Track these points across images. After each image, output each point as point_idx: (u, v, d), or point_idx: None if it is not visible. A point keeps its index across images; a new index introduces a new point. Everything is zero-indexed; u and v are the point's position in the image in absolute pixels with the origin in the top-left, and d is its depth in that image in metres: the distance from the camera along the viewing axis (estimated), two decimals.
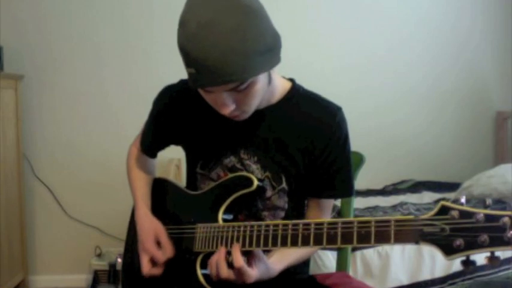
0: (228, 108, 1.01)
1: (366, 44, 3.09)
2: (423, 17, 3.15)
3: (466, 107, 3.24)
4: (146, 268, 1.16)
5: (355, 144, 1.33)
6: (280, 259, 1.11)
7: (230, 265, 1.01)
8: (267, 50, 0.98)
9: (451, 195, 2.64)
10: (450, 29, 3.18)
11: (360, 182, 1.54)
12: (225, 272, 1.00)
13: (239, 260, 0.98)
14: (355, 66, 3.08)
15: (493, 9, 3.22)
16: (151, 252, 1.16)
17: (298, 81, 1.24)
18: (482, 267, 2.04)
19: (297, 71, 1.48)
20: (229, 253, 1.02)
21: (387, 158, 3.12)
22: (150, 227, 1.20)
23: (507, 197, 2.41)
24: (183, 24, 0.96)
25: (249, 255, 1.02)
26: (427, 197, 2.73)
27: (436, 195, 2.74)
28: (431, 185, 2.96)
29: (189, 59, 0.96)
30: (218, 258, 1.01)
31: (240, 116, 1.07)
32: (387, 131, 3.14)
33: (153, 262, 1.17)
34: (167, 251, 1.16)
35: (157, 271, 1.17)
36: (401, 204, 2.51)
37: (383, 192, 2.90)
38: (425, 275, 1.99)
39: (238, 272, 0.99)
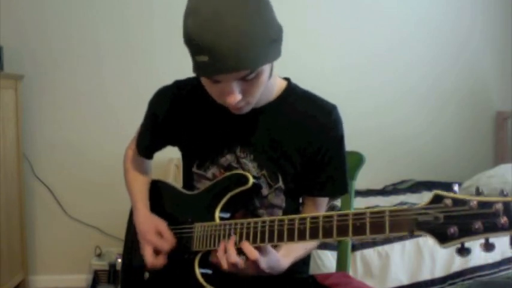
0: (236, 97, 1.00)
1: (366, 44, 3.09)
2: (423, 17, 3.15)
3: (466, 107, 3.24)
4: (150, 259, 1.16)
5: (355, 144, 1.33)
6: (287, 253, 1.11)
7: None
8: (275, 39, 0.99)
9: None
10: (450, 29, 3.18)
11: (360, 182, 1.55)
12: (234, 258, 0.99)
13: (254, 252, 0.98)
14: (355, 66, 3.08)
15: (493, 9, 3.22)
16: (153, 242, 1.17)
17: (299, 81, 1.23)
18: (482, 267, 2.03)
19: (297, 70, 1.48)
20: (237, 250, 1.02)
21: (387, 158, 3.12)
22: (151, 223, 1.20)
23: None
24: (194, 11, 0.94)
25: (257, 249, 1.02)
26: (427, 197, 2.70)
27: None
28: (431, 185, 2.95)
29: (201, 46, 0.94)
30: (227, 245, 1.01)
31: (244, 107, 1.06)
32: (387, 131, 3.14)
33: (156, 253, 1.17)
34: (169, 240, 1.16)
35: (161, 261, 1.16)
36: (401, 204, 2.51)
37: (383, 192, 2.91)
38: (425, 275, 1.99)
39: (253, 264, 0.99)
